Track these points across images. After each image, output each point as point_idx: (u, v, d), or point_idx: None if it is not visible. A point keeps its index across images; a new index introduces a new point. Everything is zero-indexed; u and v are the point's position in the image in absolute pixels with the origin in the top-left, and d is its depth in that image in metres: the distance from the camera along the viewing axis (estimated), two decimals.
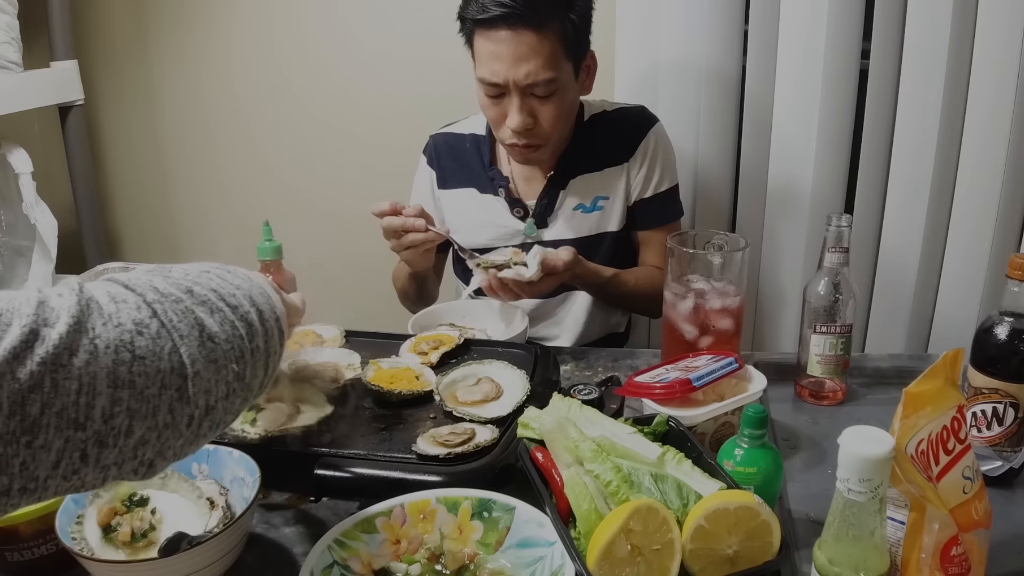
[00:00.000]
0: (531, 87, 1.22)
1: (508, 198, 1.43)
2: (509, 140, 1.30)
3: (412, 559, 0.77)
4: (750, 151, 1.69)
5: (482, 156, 1.44)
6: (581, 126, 1.42)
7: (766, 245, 1.74)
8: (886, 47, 1.55)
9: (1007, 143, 1.54)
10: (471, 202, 1.46)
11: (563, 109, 1.28)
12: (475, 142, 1.44)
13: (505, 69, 1.21)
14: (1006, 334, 0.90)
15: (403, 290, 1.52)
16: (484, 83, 1.25)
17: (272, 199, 2.03)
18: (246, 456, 0.84)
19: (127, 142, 2.09)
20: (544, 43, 1.19)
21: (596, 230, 1.42)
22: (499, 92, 1.25)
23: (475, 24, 1.22)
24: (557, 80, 1.23)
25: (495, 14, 1.18)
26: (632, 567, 0.66)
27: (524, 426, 0.84)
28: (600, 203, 1.42)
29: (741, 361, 0.99)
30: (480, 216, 1.45)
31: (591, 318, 1.48)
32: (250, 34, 1.92)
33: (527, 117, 1.25)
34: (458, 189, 1.47)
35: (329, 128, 1.96)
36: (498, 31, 1.19)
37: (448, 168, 1.48)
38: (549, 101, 1.25)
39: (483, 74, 1.24)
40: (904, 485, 0.66)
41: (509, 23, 1.18)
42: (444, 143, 1.48)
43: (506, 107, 1.26)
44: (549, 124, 1.27)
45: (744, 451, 0.81)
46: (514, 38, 1.19)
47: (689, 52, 1.65)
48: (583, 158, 1.41)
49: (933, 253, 1.67)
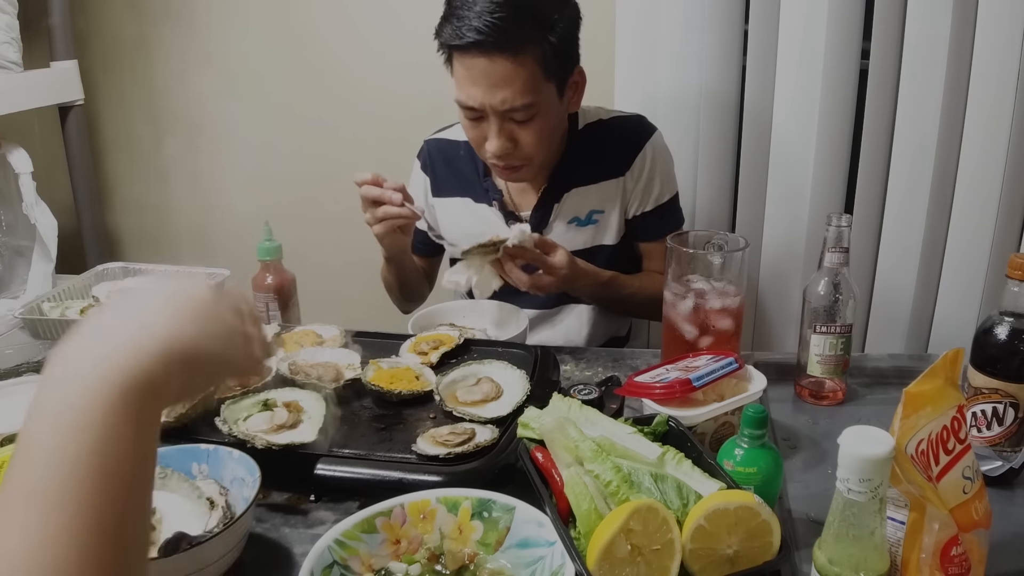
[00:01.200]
0: (509, 112, 1.19)
1: (502, 210, 1.40)
2: (490, 161, 1.28)
3: (412, 559, 0.77)
4: (750, 151, 1.69)
5: (476, 166, 1.41)
6: (576, 136, 1.38)
7: (766, 245, 1.74)
8: (886, 47, 1.55)
9: (1007, 143, 1.54)
10: (465, 211, 1.43)
11: (545, 131, 1.25)
12: (469, 150, 1.38)
13: (481, 95, 1.18)
14: (1006, 334, 0.90)
15: (385, 281, 1.49)
16: (462, 106, 1.22)
17: (272, 199, 2.03)
18: (246, 456, 0.84)
19: (127, 142, 2.09)
20: (520, 69, 1.16)
21: (591, 243, 1.40)
22: (477, 115, 1.22)
23: (451, 48, 1.19)
24: (536, 104, 1.20)
25: (469, 40, 1.14)
26: (632, 567, 0.66)
27: (524, 426, 0.84)
28: (595, 217, 1.39)
29: (741, 361, 0.99)
30: (474, 226, 1.40)
31: (593, 326, 1.46)
32: (250, 34, 1.92)
33: (506, 142, 1.22)
34: (452, 198, 1.44)
35: (329, 128, 1.96)
36: (473, 57, 1.16)
37: (442, 176, 1.45)
38: (529, 125, 1.22)
39: (460, 97, 1.21)
40: (904, 485, 0.66)
41: (483, 49, 1.14)
42: (438, 150, 1.46)
43: (485, 130, 1.23)
44: (530, 147, 1.24)
45: (744, 451, 0.81)
46: (489, 65, 1.15)
47: (689, 52, 1.65)
48: (578, 170, 1.37)
49: (933, 253, 1.67)
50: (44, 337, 1.20)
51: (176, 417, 0.92)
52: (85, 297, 1.30)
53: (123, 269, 1.38)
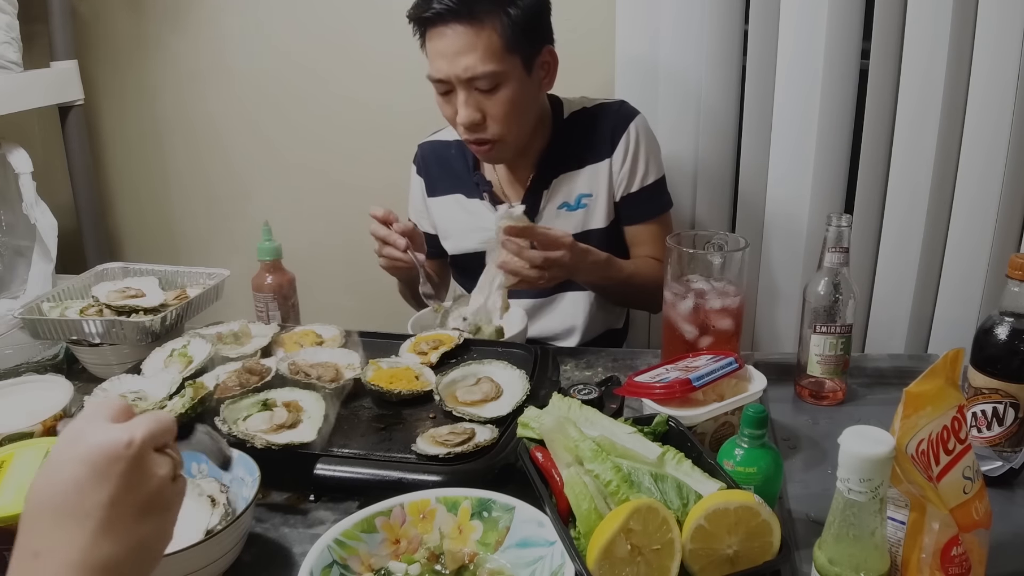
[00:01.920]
0: (472, 80, 1.25)
1: (493, 201, 1.43)
2: (464, 137, 1.33)
3: (412, 559, 0.77)
4: (750, 151, 1.69)
5: (467, 161, 1.47)
6: (560, 125, 1.43)
7: (766, 245, 1.74)
8: (886, 47, 1.55)
9: (1007, 143, 1.54)
10: (458, 208, 1.48)
11: (513, 105, 1.28)
12: (460, 148, 1.45)
13: (446, 65, 1.24)
14: (1006, 334, 0.90)
15: (400, 292, 1.56)
16: (432, 80, 1.29)
17: (272, 199, 2.03)
18: (246, 456, 0.84)
19: (127, 142, 2.09)
20: (480, 37, 1.23)
21: (581, 228, 1.42)
22: (446, 89, 1.28)
23: (420, 24, 1.27)
24: (500, 74, 1.25)
25: (434, 11, 1.23)
26: (632, 567, 0.66)
27: (524, 426, 0.84)
28: (584, 201, 1.42)
29: (741, 361, 0.99)
30: (468, 221, 1.47)
31: (591, 316, 1.47)
32: (250, 34, 1.92)
33: (474, 112, 1.27)
34: (446, 196, 1.50)
35: (329, 128, 1.96)
36: (438, 28, 1.24)
37: (435, 175, 1.51)
38: (494, 95, 1.27)
39: (430, 71, 1.28)
40: (904, 485, 0.66)
41: (445, 20, 1.23)
42: (431, 151, 1.52)
43: (456, 104, 1.28)
44: (498, 119, 1.28)
45: (744, 451, 0.81)
46: (452, 34, 1.23)
47: (689, 52, 1.65)
48: (564, 157, 1.42)
49: (933, 253, 1.66)
50: (44, 337, 1.20)
51: (176, 417, 0.92)
52: (85, 297, 1.29)
53: (123, 269, 1.38)
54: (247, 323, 1.21)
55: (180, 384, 1.02)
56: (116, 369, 1.15)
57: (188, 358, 1.10)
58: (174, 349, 1.12)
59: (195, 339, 1.14)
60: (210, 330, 1.18)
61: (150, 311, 1.22)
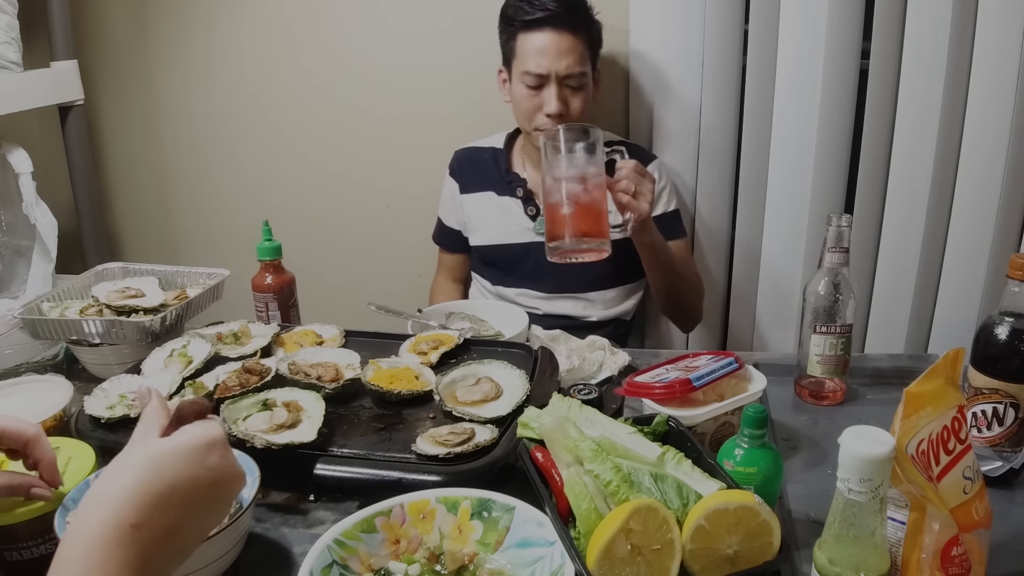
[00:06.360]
0: (567, 78, 1.45)
1: (524, 196, 1.59)
2: (543, 124, 1.47)
3: (411, 559, 0.77)
4: (750, 151, 1.69)
5: (499, 165, 1.64)
6: None
7: (766, 245, 1.74)
8: (886, 47, 1.55)
9: (1007, 143, 1.54)
10: (489, 203, 1.64)
11: (587, 102, 1.49)
12: (494, 154, 1.65)
13: (549, 62, 1.43)
14: (1006, 334, 0.90)
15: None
16: (529, 75, 1.46)
17: (272, 198, 2.03)
18: (246, 456, 0.84)
19: (127, 142, 2.09)
20: (578, 43, 1.45)
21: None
22: (539, 83, 1.46)
23: (523, 25, 1.45)
24: (586, 75, 1.47)
25: (542, 16, 1.43)
26: (632, 567, 0.66)
27: (524, 426, 0.84)
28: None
29: (741, 361, 0.99)
30: (497, 215, 1.63)
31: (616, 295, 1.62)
32: (250, 34, 1.92)
33: (562, 104, 1.46)
34: (478, 193, 1.66)
35: (329, 128, 1.96)
36: (543, 31, 1.44)
37: (468, 176, 1.67)
38: (579, 92, 1.47)
39: (528, 67, 1.45)
40: (904, 485, 0.66)
41: (553, 24, 1.43)
42: (466, 156, 1.69)
43: (543, 97, 1.46)
44: (577, 112, 1.48)
45: (744, 451, 0.81)
46: (557, 36, 1.43)
47: (689, 52, 1.65)
48: None
49: (933, 253, 1.67)
50: (44, 337, 1.20)
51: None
52: (85, 297, 1.29)
53: (123, 269, 1.38)
54: (247, 323, 1.21)
55: (180, 384, 1.02)
56: (116, 369, 1.15)
57: (188, 358, 1.10)
58: (174, 349, 1.12)
59: (195, 339, 1.14)
60: (210, 330, 1.18)
61: (150, 311, 1.22)
